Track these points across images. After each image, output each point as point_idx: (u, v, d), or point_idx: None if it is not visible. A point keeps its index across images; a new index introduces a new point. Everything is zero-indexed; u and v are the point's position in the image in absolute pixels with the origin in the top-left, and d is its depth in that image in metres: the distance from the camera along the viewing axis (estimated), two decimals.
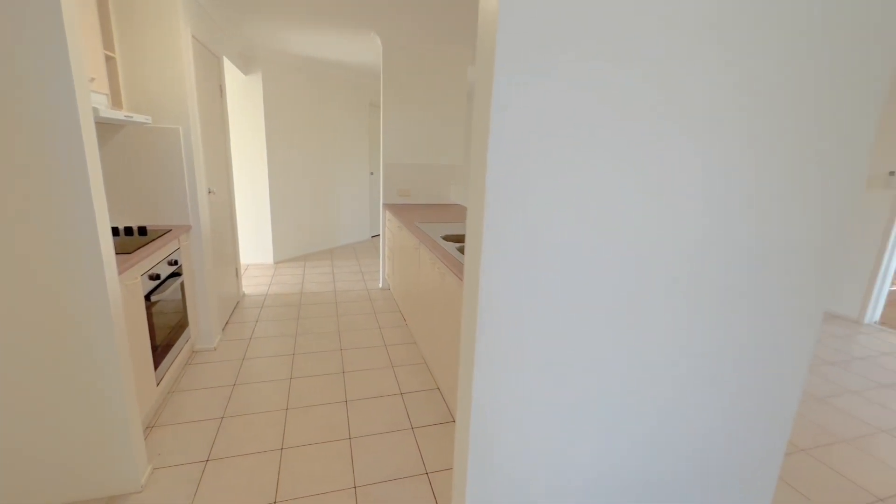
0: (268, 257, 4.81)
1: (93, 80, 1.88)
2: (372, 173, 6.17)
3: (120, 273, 1.61)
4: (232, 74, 4.22)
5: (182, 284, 2.43)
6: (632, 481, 1.17)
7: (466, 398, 0.98)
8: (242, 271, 4.47)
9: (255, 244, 4.76)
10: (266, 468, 1.76)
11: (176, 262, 2.32)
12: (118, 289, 1.52)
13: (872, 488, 1.79)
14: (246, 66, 4.31)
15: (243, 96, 4.40)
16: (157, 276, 2.04)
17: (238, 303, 3.59)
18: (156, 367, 2.03)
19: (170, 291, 2.21)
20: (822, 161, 1.04)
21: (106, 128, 2.27)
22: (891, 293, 3.93)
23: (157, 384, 2.04)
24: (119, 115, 1.89)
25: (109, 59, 2.13)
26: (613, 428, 1.10)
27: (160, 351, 2.10)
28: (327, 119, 5.30)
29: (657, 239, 0.97)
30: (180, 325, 2.41)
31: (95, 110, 1.63)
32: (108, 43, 2.11)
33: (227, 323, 3.18)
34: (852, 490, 1.78)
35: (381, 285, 4.13)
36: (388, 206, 3.92)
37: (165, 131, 2.35)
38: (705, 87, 0.90)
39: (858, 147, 1.06)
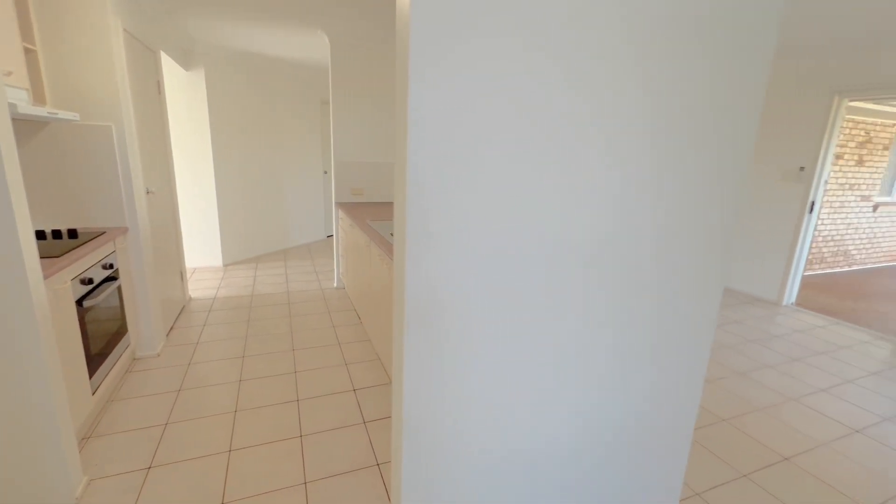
0: (216, 260, 4.64)
1: (9, 73, 1.77)
2: (326, 172, 6.08)
3: (46, 277, 1.53)
4: (172, 70, 4.03)
5: (119, 289, 2.32)
6: (560, 456, 1.27)
7: (398, 385, 1.03)
8: (189, 275, 4.30)
9: (202, 246, 4.58)
10: (213, 471, 1.73)
11: (112, 266, 2.22)
12: (44, 294, 1.45)
13: (779, 449, 2.01)
14: (187, 61, 4.14)
15: (185, 92, 4.22)
16: (90, 281, 1.95)
17: (184, 307, 3.46)
18: (91, 376, 1.94)
19: (105, 296, 2.12)
20: (715, 151, 1.17)
21: (28, 125, 2.14)
22: (804, 277, 4.35)
23: (94, 393, 1.95)
24: (42, 111, 1.79)
25: (29, 52, 2.01)
26: (539, 406, 1.19)
27: (96, 358, 2.01)
28: (277, 117, 5.17)
29: (573, 228, 1.06)
30: (119, 332, 2.30)
31: (13, 106, 1.55)
32: (27, 35, 1.98)
33: (171, 328, 3.06)
34: (762, 452, 1.99)
35: (335, 284, 4.11)
36: (340, 204, 3.90)
37: (96, 129, 2.24)
38: (614, 85, 0.99)
39: (745, 140, 1.20)
